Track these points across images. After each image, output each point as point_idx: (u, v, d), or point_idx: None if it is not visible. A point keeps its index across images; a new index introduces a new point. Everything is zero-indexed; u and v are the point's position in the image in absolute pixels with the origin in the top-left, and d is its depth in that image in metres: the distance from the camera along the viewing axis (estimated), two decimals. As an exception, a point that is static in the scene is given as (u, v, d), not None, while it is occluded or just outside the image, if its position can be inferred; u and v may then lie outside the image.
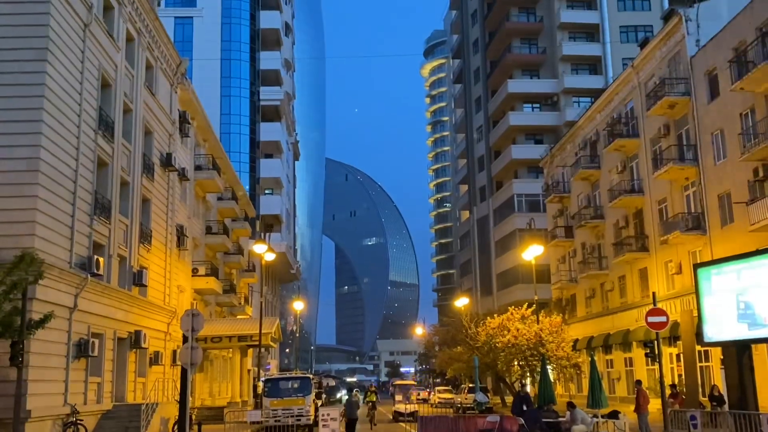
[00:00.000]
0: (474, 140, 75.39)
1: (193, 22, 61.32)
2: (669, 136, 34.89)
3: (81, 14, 22.05)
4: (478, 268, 73.38)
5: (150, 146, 29.18)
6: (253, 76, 62.89)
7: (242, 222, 48.40)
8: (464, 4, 78.73)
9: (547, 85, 65.19)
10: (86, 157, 22.27)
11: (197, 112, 37.18)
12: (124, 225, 25.71)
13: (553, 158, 52.04)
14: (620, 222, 40.47)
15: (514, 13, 67.64)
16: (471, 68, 76.43)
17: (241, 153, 60.48)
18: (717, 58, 30.95)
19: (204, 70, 58.25)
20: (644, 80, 37.88)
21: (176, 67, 32.86)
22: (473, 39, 75.90)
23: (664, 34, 35.41)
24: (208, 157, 39.26)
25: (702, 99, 32.19)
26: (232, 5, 62.23)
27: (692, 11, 33.65)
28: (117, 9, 25.55)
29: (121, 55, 25.79)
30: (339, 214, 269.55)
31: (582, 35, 65.41)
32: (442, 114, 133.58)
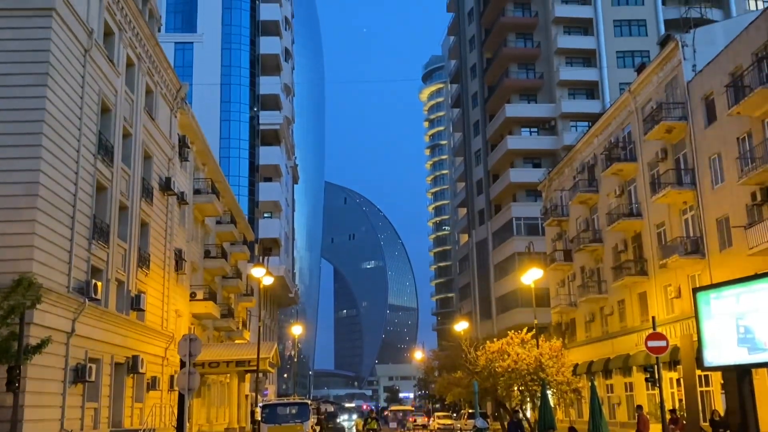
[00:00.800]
0: (472, 164, 75.62)
1: (193, 48, 61.78)
2: (667, 160, 35.01)
3: (81, 40, 22.21)
4: (477, 292, 73.21)
5: (149, 170, 29.24)
6: (253, 100, 63.22)
7: (241, 246, 48.35)
8: (462, 30, 79.38)
9: (545, 109, 65.53)
10: (85, 182, 22.30)
11: (197, 137, 37.31)
12: (123, 249, 25.68)
13: (552, 182, 52.17)
14: (619, 246, 40.47)
15: (512, 39, 68.18)
16: (469, 93, 76.89)
17: (240, 177, 60.62)
18: (714, 82, 31.16)
19: (204, 94, 58.58)
20: (641, 105, 38.10)
21: (176, 92, 33.03)
22: (471, 64, 76.44)
23: (660, 59, 35.69)
24: (207, 181, 39.32)
25: (699, 123, 32.35)
26: (232, 31, 62.73)
27: (688, 37, 33.95)
28: (117, 34, 25.74)
29: (121, 80, 25.94)
30: (338, 238, 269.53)
31: (579, 60, 65.93)
32: (440, 138, 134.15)
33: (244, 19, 63.53)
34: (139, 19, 27.66)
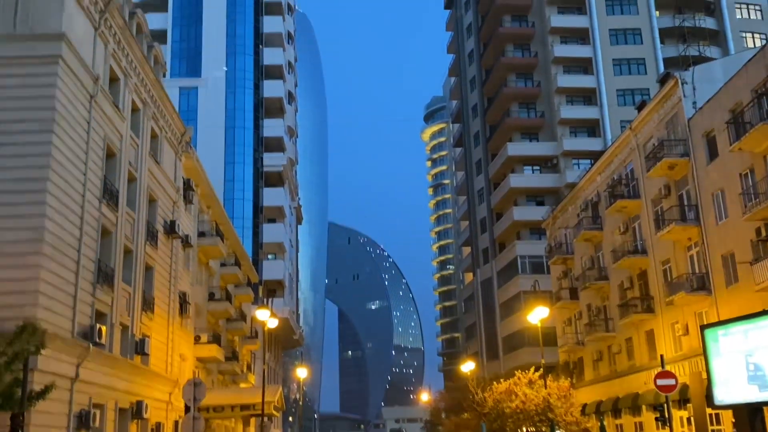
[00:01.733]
0: (476, 202, 75.77)
1: (198, 92, 62.50)
2: (670, 196, 35.06)
3: (87, 86, 22.49)
4: (483, 332, 72.67)
5: (154, 214, 29.34)
6: (257, 143, 63.70)
7: (245, 288, 48.23)
8: (463, 71, 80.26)
9: (547, 147, 65.89)
10: (90, 226, 22.37)
11: (201, 179, 37.51)
12: (127, 293, 25.63)
13: (555, 220, 52.18)
14: (625, 283, 40.28)
15: (512, 79, 68.89)
16: (471, 132, 77.42)
17: (245, 218, 60.75)
18: (714, 119, 31.36)
19: (208, 137, 59.08)
20: (643, 142, 38.29)
21: (181, 135, 33.32)
22: (472, 104, 77.11)
23: (660, 97, 35.98)
24: (211, 224, 39.41)
25: (701, 160, 32.47)
26: (236, 75, 63.52)
27: (688, 74, 34.30)
28: (123, 80, 26.08)
29: (127, 125, 26.19)
30: (342, 278, 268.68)
31: (579, 99, 66.51)
32: (443, 177, 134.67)
33: (248, 63, 64.37)
34: (145, 65, 28.04)
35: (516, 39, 69.79)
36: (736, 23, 66.72)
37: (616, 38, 66.80)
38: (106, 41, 24.25)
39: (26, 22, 20.65)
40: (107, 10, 23.67)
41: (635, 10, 67.50)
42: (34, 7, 20.76)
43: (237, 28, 64.76)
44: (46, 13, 20.78)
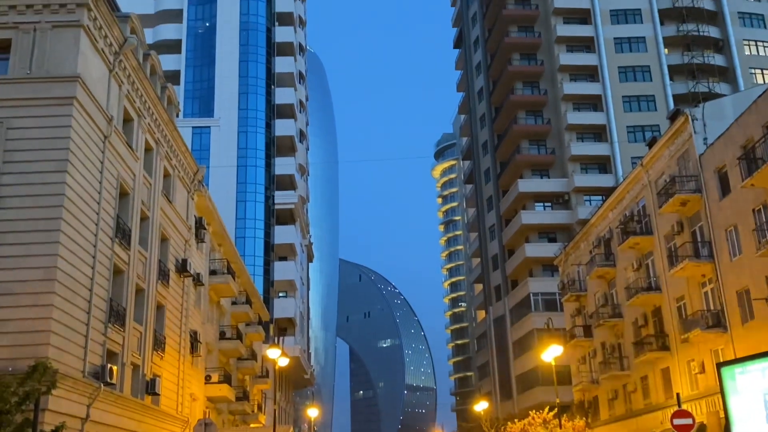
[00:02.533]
0: (487, 239, 75.58)
1: (210, 131, 63.15)
2: (683, 233, 34.86)
3: (101, 126, 22.76)
4: (496, 370, 71.91)
5: (166, 253, 29.43)
6: (268, 181, 64.08)
7: (256, 326, 48.09)
8: (472, 108, 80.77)
9: (558, 184, 65.89)
10: (102, 265, 22.44)
11: (213, 218, 37.68)
12: (138, 332, 25.59)
13: (568, 256, 51.92)
14: (639, 320, 39.87)
15: (522, 116, 69.22)
16: (481, 169, 77.59)
17: (256, 256, 60.83)
18: (726, 155, 31.31)
19: (220, 176, 59.53)
20: (654, 178, 38.22)
21: (193, 174, 33.57)
22: (482, 141, 77.41)
23: (671, 133, 36.00)
24: (222, 262, 39.47)
25: (713, 196, 32.34)
26: (248, 115, 64.21)
27: (698, 111, 34.35)
28: (137, 120, 26.38)
29: (140, 164, 26.43)
30: (353, 316, 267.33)
31: (590, 135, 66.66)
32: (454, 213, 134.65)
33: (260, 103, 65.10)
34: (158, 106, 28.39)
35: (525, 76, 70.31)
36: (745, 60, 67.02)
37: (626, 75, 67.18)
38: (121, 82, 24.61)
39: (42, 65, 21.02)
40: (122, 52, 24.07)
41: (644, 48, 67.99)
42: (50, 50, 21.14)
43: (249, 69, 65.65)
44: (62, 55, 21.15)
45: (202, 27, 66.59)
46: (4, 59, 21.24)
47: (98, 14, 22.25)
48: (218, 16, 66.25)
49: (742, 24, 68.47)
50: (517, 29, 72.22)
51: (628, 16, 69.35)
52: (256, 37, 66.65)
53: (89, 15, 21.79)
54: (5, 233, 19.39)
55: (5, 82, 20.79)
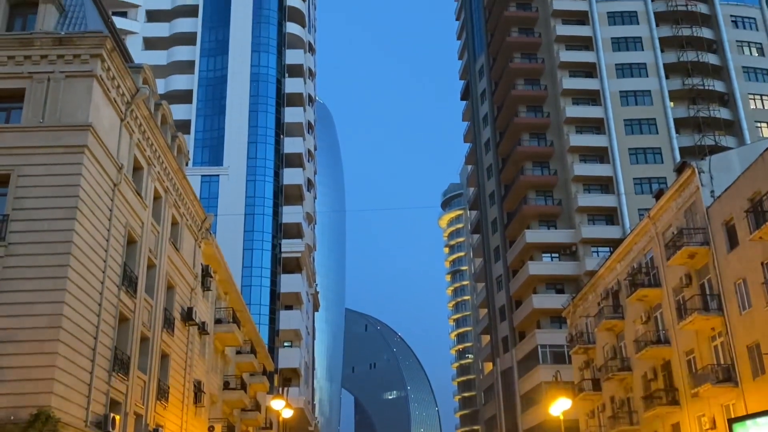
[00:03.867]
0: (494, 290, 75.17)
1: (219, 180, 63.60)
2: (691, 285, 34.63)
3: (111, 175, 22.97)
4: (504, 424, 70.71)
5: (171, 301, 29.36)
6: (276, 229, 64.21)
7: (260, 376, 47.59)
8: (479, 159, 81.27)
9: (565, 235, 65.79)
10: (108, 313, 22.38)
11: (219, 266, 37.67)
12: (142, 381, 25.37)
13: (576, 308, 51.53)
14: (648, 374, 39.32)
15: (528, 167, 69.57)
16: (488, 219, 77.64)
17: (261, 305, 60.55)
18: (733, 208, 31.29)
19: (228, 224, 59.70)
20: (662, 230, 38.15)
21: (201, 222, 33.70)
22: (489, 191, 77.66)
23: (678, 186, 36.06)
24: (228, 311, 39.30)
25: (721, 248, 32.21)
26: (257, 164, 64.72)
27: (704, 163, 34.47)
28: (146, 169, 26.62)
29: (148, 212, 26.57)
30: (359, 367, 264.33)
31: (596, 186, 66.83)
32: (461, 263, 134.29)
33: (269, 152, 65.68)
34: (168, 155, 28.68)
35: (532, 128, 70.89)
36: (751, 113, 67.54)
37: (632, 128, 67.67)
38: (131, 131, 24.92)
39: (54, 113, 21.33)
40: (134, 101, 24.44)
41: (649, 101, 68.64)
42: (62, 99, 21.48)
43: (259, 119, 66.42)
44: (74, 104, 21.48)
45: (214, 78, 67.66)
46: (17, 108, 21.59)
47: (111, 65, 22.66)
48: (230, 67, 67.36)
49: (746, 78, 69.20)
50: (524, 82, 73.15)
51: (633, 70, 70.20)
52: (266, 88, 67.60)
53: (102, 65, 22.20)
54: (12, 280, 19.42)
55: (18, 130, 21.10)
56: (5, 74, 21.63)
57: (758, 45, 71.25)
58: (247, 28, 68.65)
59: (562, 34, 72.05)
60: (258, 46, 68.33)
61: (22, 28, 22.92)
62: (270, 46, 68.83)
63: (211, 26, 69.24)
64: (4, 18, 22.79)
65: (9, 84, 21.62)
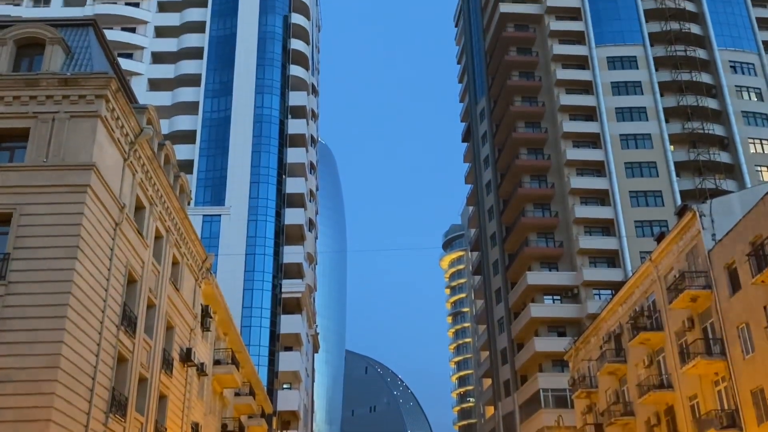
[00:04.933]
0: (496, 332, 74.65)
1: (220, 220, 63.70)
2: (694, 329, 34.39)
3: (113, 214, 23.02)
4: (504, 469, 69.56)
5: (171, 341, 29.17)
6: (276, 269, 64.07)
7: (259, 419, 47.01)
8: (480, 200, 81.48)
9: (566, 277, 65.57)
10: (107, 353, 22.22)
11: (219, 306, 37.51)
12: (140, 423, 25.06)
13: (578, 351, 51.10)
14: (651, 419, 38.79)
15: (530, 209, 69.69)
16: (490, 260, 77.50)
17: (261, 346, 60.10)
18: (735, 251, 31.23)
19: (228, 264, 59.60)
20: (663, 273, 38.03)
21: (202, 262, 33.66)
22: (491, 233, 77.67)
23: (679, 229, 36.06)
24: (227, 351, 39.00)
25: (724, 292, 32.07)
26: (259, 204, 64.90)
27: (705, 207, 34.51)
28: (148, 208, 26.69)
29: (149, 252, 26.56)
30: (359, 410, 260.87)
31: (597, 229, 66.85)
32: (462, 305, 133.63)
33: (271, 192, 65.92)
34: (170, 194, 28.78)
35: (533, 170, 71.22)
36: (751, 158, 67.91)
37: (632, 171, 67.97)
38: (135, 171, 25.05)
39: (58, 153, 21.45)
40: (137, 141, 24.62)
41: (650, 145, 69.06)
42: (66, 139, 21.62)
43: (262, 159, 66.82)
44: (78, 144, 21.62)
45: (217, 118, 68.24)
46: (21, 147, 21.75)
47: (116, 105, 22.88)
48: (233, 108, 67.99)
49: (746, 122, 69.75)
50: (524, 125, 73.73)
51: (633, 114, 70.79)
52: (269, 129, 68.15)
53: (107, 106, 22.41)
54: (11, 319, 19.32)
55: (21, 169, 21.21)
56: (10, 114, 21.84)
57: (757, 90, 71.97)
58: (251, 70, 69.51)
59: (563, 78, 72.87)
60: (262, 87, 69.09)
61: (28, 69, 23.22)
62: (273, 88, 69.60)
63: (216, 68, 70.10)
64: (11, 59, 23.11)
65: (14, 123, 21.82)
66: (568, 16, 77.19)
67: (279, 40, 71.93)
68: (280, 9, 73.34)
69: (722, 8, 76.56)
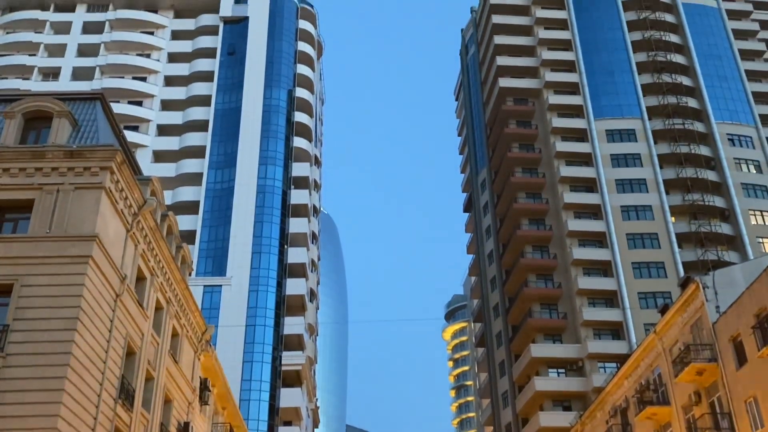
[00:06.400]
0: (500, 406, 73.23)
1: (221, 290, 63.44)
2: (701, 403, 33.75)
3: (114, 285, 22.95)
4: None
5: (168, 415, 28.64)
6: (276, 341, 63.41)
7: (257, 496, 45.73)
8: (483, 270, 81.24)
9: (571, 350, 64.76)
10: (103, 427, 21.78)
11: (218, 379, 36.96)
12: (133, 501, 24.37)
13: (584, 426, 50.00)
14: (661, 498, 37.69)
15: (532, 279, 69.39)
16: (493, 332, 76.70)
17: (260, 420, 58.92)
18: (739, 324, 30.95)
19: (228, 335, 59.03)
20: (668, 346, 37.58)
21: (201, 334, 33.36)
22: (493, 303, 77.14)
23: (683, 301, 35.82)
24: (225, 426, 38.25)
25: (730, 365, 31.62)
26: (260, 274, 64.75)
27: (708, 278, 34.37)
28: (149, 279, 26.63)
29: (149, 323, 26.36)
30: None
31: (601, 301, 66.38)
32: (465, 378, 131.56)
33: (272, 262, 65.85)
34: (172, 265, 28.76)
35: (534, 241, 71.26)
36: (752, 229, 68.01)
37: (634, 242, 67.96)
38: (137, 242, 25.11)
39: (61, 224, 21.57)
40: (140, 213, 24.77)
41: (651, 216, 69.25)
42: (70, 209, 21.77)
43: (264, 229, 67.02)
44: (82, 215, 21.75)
45: (221, 189, 68.81)
46: (24, 218, 21.88)
47: (120, 177, 23.12)
48: (237, 179, 68.64)
49: (746, 194, 70.15)
50: (525, 195, 74.17)
51: (633, 185, 71.27)
52: (272, 200, 68.62)
53: (112, 178, 22.65)
54: (7, 392, 19.05)
55: (24, 240, 21.28)
56: (16, 185, 22.06)
57: (756, 162, 72.68)
58: (256, 142, 70.49)
59: (562, 150, 73.73)
60: (265, 159, 69.93)
61: (35, 141, 23.57)
62: (277, 159, 70.42)
63: (220, 140, 71.10)
64: (18, 131, 23.49)
65: (18, 195, 22.02)
66: (567, 90, 78.68)
67: (283, 113, 73.22)
68: (284, 83, 74.91)
69: (718, 83, 78.06)
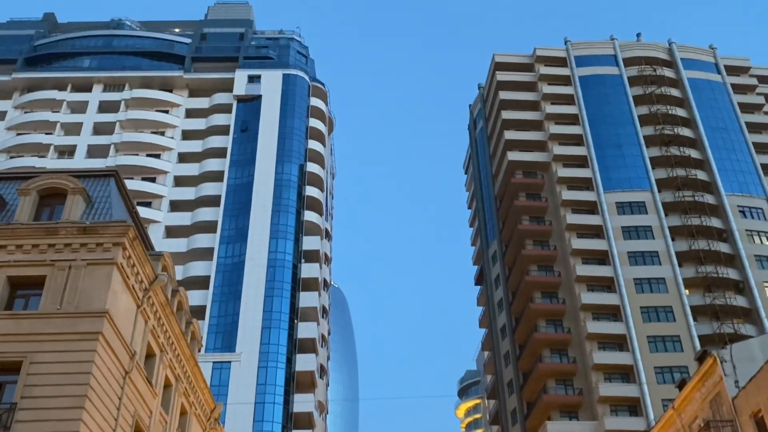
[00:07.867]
0: (515, 487, 70.93)
1: (230, 366, 62.69)
2: (725, 483, 32.58)
3: (123, 362, 22.73)
4: None
5: (174, 496, 27.88)
6: (286, 419, 62.17)
7: None
8: (496, 345, 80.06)
9: (588, 427, 63.06)
10: None
11: (227, 458, 36.14)
12: None
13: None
14: None
15: (546, 354, 68.27)
16: (507, 409, 74.97)
17: (269, 502, 57.30)
18: (760, 398, 30.20)
19: (237, 412, 57.97)
20: (688, 422, 36.60)
21: (210, 412, 32.81)
22: (507, 379, 75.68)
23: (700, 376, 35.08)
24: (233, 508, 37.16)
25: (753, 443, 30.67)
26: (269, 350, 64.06)
27: (726, 352, 33.76)
28: (159, 356, 26.38)
29: (158, 401, 25.98)
30: None
31: (617, 376, 65.05)
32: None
33: (282, 338, 65.23)
34: (181, 341, 28.54)
35: (548, 315, 70.39)
36: (767, 301, 67.06)
37: (648, 315, 67.01)
38: (147, 317, 25.00)
39: (72, 300, 21.54)
40: (151, 288, 24.75)
41: (665, 289, 68.49)
42: (82, 285, 21.78)
43: (274, 304, 66.67)
44: (93, 291, 21.73)
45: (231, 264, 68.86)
46: (36, 295, 21.88)
47: (132, 253, 23.21)
48: (248, 253, 68.74)
49: (759, 266, 69.47)
50: (537, 268, 73.75)
51: (646, 258, 70.79)
52: (282, 274, 68.49)
53: (124, 254, 22.74)
54: (11, 473, 18.66)
55: (34, 317, 21.23)
56: (28, 262, 22.16)
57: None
58: (267, 216, 70.94)
59: (573, 222, 73.62)
60: (276, 233, 70.21)
61: (49, 218, 23.80)
62: (288, 233, 70.68)
63: (232, 215, 71.62)
64: (33, 208, 23.75)
65: (31, 271, 22.09)
66: (575, 163, 79.18)
67: (294, 187, 73.94)
68: (296, 158, 75.96)
69: (726, 155, 78.45)
